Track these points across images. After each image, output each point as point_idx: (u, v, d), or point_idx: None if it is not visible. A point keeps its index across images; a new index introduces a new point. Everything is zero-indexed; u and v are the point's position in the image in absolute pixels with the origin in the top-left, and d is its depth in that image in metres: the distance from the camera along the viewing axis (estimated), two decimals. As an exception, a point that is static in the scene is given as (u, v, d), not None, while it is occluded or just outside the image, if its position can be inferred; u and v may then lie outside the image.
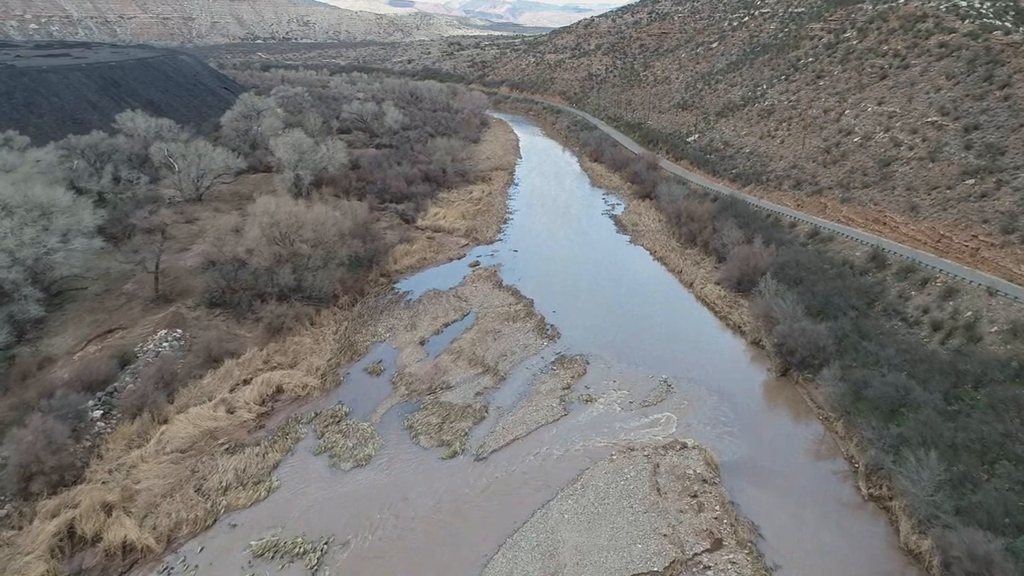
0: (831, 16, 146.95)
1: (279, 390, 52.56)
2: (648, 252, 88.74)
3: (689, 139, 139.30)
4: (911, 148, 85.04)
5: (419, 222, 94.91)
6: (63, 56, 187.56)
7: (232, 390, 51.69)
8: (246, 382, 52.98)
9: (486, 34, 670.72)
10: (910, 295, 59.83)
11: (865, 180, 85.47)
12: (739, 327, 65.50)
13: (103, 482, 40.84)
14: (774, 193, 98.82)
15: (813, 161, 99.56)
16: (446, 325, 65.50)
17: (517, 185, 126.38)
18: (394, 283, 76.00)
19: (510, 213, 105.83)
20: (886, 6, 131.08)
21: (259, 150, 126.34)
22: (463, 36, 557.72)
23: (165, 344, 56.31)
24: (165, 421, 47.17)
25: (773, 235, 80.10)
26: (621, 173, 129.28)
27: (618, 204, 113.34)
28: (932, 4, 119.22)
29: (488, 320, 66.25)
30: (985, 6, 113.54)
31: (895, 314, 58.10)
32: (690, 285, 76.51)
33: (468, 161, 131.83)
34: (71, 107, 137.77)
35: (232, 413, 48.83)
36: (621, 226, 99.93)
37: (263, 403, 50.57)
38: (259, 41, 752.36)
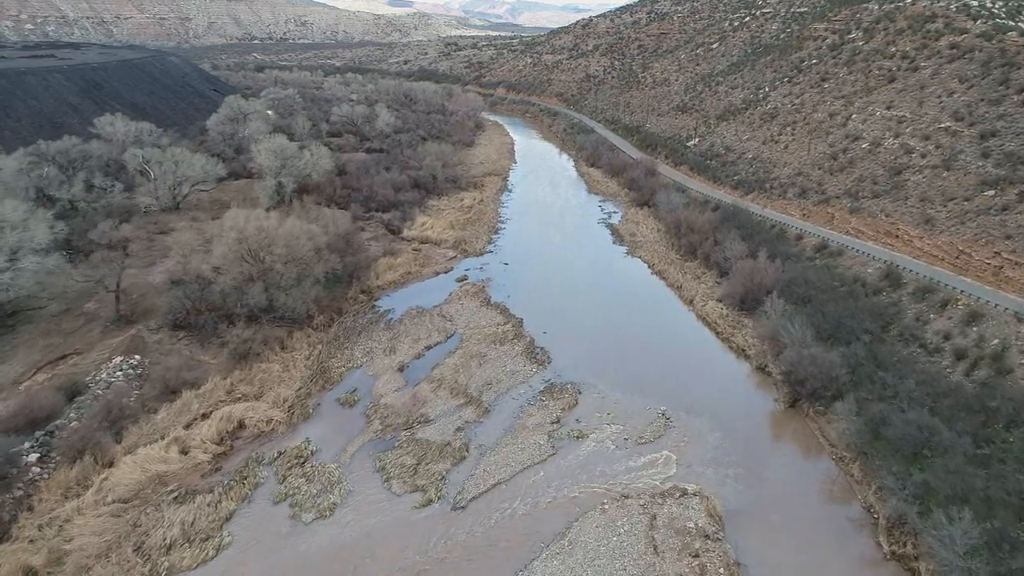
0: (835, 16, 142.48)
1: (241, 425, 47.97)
2: (646, 265, 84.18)
3: (689, 143, 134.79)
4: (923, 156, 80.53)
5: (405, 233, 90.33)
6: (48, 57, 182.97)
7: (189, 426, 47.11)
8: (205, 416, 48.39)
9: (484, 34, 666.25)
10: (929, 318, 55.28)
11: (875, 189, 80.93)
12: (743, 350, 60.92)
13: (31, 540, 36.27)
14: (778, 202, 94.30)
15: (819, 168, 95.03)
16: (428, 348, 60.93)
17: (510, 191, 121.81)
18: (375, 300, 71.42)
19: (502, 222, 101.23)
20: (892, 6, 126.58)
21: (244, 155, 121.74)
22: (460, 36, 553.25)
23: (119, 373, 51.71)
24: (110, 464, 42.62)
25: (778, 248, 75.57)
26: (618, 179, 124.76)
27: (615, 212, 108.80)
28: (941, 4, 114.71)
29: (473, 343, 61.68)
30: (997, 6, 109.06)
31: (913, 340, 53.55)
32: (690, 302, 71.95)
33: (460, 167, 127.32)
34: (50, 110, 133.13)
35: (186, 454, 44.25)
36: (618, 236, 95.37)
37: (221, 441, 45.96)
38: (256, 42, 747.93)
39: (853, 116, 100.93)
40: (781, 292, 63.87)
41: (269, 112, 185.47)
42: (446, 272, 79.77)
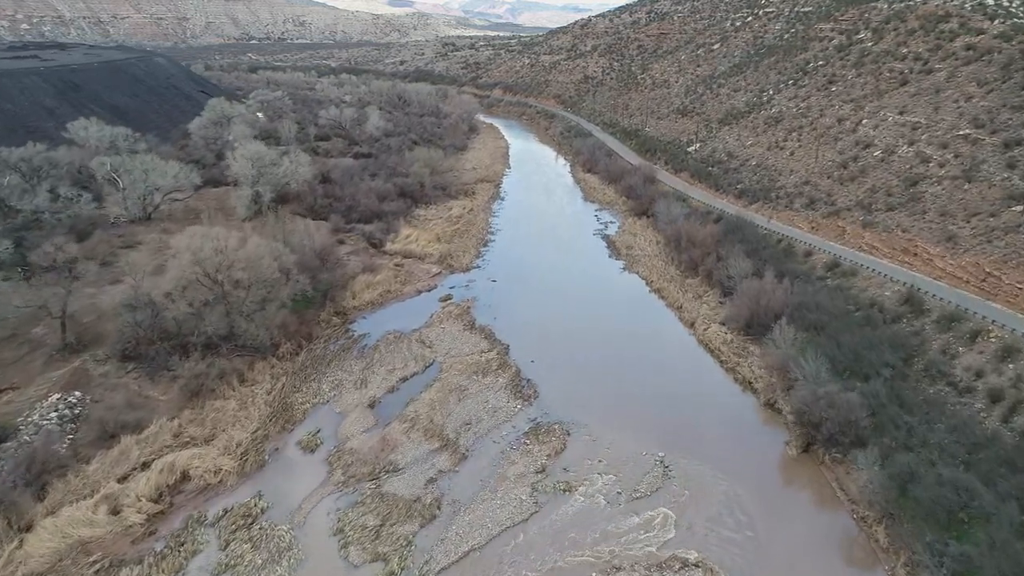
0: (842, 16, 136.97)
1: (184, 477, 42.55)
2: (644, 282, 78.70)
3: (690, 149, 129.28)
4: (941, 165, 75.02)
5: (388, 246, 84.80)
6: (31, 58, 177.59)
7: (125, 479, 41.66)
8: (146, 465, 42.95)
9: (483, 34, 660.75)
10: (957, 351, 49.77)
11: (889, 201, 75.42)
12: (749, 383, 55.43)
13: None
14: (785, 213, 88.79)
15: (828, 177, 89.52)
16: (403, 380, 55.47)
17: (503, 200, 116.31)
18: (350, 323, 65.96)
19: (492, 234, 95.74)
20: (903, 5, 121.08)
21: (225, 160, 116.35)
22: (458, 37, 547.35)
23: (54, 414, 46.27)
24: (28, 528, 37.23)
25: (786, 266, 70.09)
26: (616, 186, 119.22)
27: (612, 222, 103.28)
28: (955, 3, 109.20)
29: (453, 373, 56.22)
30: (1015, 5, 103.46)
31: (940, 376, 48.07)
32: (691, 325, 66.45)
33: (451, 173, 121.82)
34: (24, 114, 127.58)
35: (117, 514, 38.78)
36: (614, 249, 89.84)
37: (160, 498, 40.49)
38: (253, 42, 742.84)
39: (863, 121, 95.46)
40: (791, 317, 58.45)
41: (258, 115, 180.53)
42: (429, 290, 74.31)
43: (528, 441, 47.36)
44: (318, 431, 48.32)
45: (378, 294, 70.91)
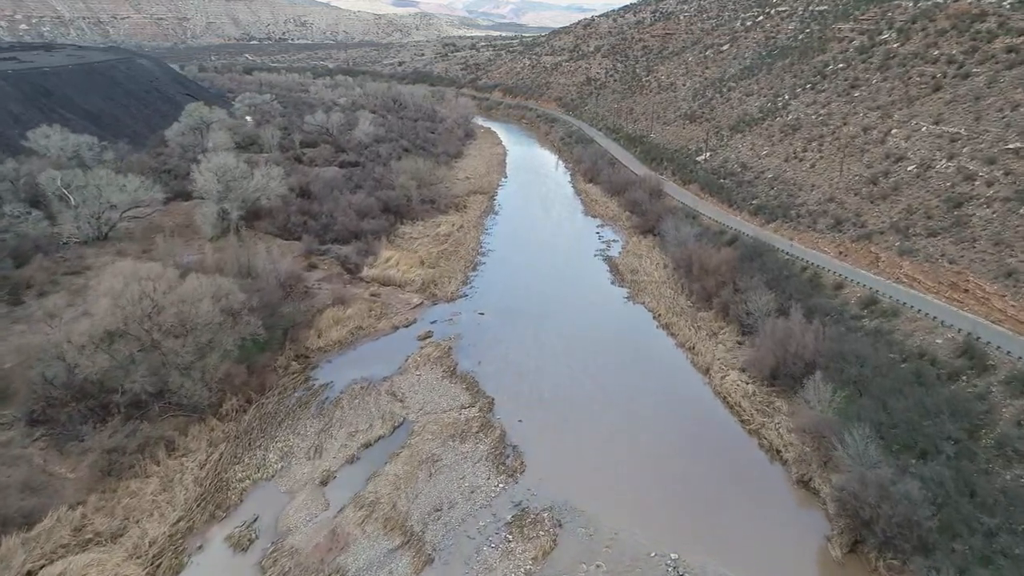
0: (862, 15, 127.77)
1: (76, 592, 33.97)
2: (650, 314, 69.88)
3: (699, 158, 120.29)
4: (989, 184, 66.00)
5: (365, 271, 76.11)
6: (10, 60, 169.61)
7: (-2, 597, 33.13)
8: None
9: (485, 35, 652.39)
10: (1036, 424, 40.83)
11: (930, 225, 66.41)
12: (778, 451, 46.53)
13: None
14: (807, 234, 79.79)
15: (855, 194, 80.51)
16: (366, 446, 46.76)
17: (497, 214, 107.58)
18: (313, 368, 57.30)
19: (483, 255, 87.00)
20: (931, 3, 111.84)
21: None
22: (460, 37, 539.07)
23: (-72, 502, 37.72)
24: None
25: (814, 301, 61.17)
26: (619, 199, 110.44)
27: (615, 241, 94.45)
28: (991, 1, 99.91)
29: (426, 437, 47.49)
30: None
31: (1017, 457, 39.11)
32: (706, 371, 57.55)
33: (442, 184, 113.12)
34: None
35: (-25, 654, 30.26)
36: (617, 274, 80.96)
37: (37, 626, 31.97)
38: (254, 42, 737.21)
39: (893, 131, 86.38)
40: (825, 369, 49.58)
41: (247, 118, 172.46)
42: (407, 326, 65.59)
43: (510, 536, 38.54)
44: (255, 520, 39.63)
45: (348, 332, 62.21)
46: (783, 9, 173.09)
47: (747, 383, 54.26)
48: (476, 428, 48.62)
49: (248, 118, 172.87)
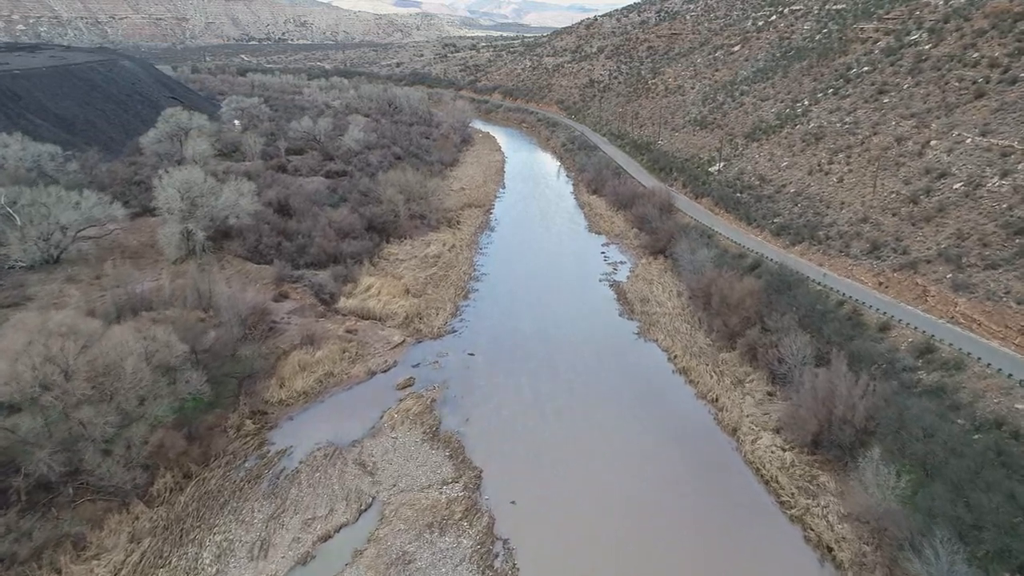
0: (887, 14, 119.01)
1: None
2: (665, 354, 61.23)
3: (712, 168, 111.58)
4: (1056, 207, 57.31)
5: (342, 302, 67.62)
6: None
7: None
8: None
9: (486, 35, 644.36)
10: None
11: (987, 255, 57.66)
12: (828, 548, 37.78)
13: None
14: (840, 260, 71.09)
15: (893, 214, 71.80)
16: (324, 539, 38.19)
17: (493, 230, 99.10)
18: (270, 428, 48.76)
19: (476, 280, 78.47)
20: (964, 0, 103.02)
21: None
22: (460, 37, 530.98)
23: None
24: None
25: (858, 345, 52.46)
26: (626, 213, 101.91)
27: (622, 262, 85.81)
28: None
29: (397, 527, 38.90)
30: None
31: None
32: (733, 432, 48.88)
33: (434, 196, 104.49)
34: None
35: None
36: (626, 303, 72.32)
37: None
38: (253, 43, 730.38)
39: (932, 142, 77.66)
40: (882, 439, 40.97)
41: (235, 123, 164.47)
42: (385, 371, 57.03)
43: None
44: (173, 654, 31.16)
45: (316, 380, 53.66)
46: (797, 8, 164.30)
47: (784, 449, 45.63)
48: (459, 513, 40.03)
49: (236, 122, 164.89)
